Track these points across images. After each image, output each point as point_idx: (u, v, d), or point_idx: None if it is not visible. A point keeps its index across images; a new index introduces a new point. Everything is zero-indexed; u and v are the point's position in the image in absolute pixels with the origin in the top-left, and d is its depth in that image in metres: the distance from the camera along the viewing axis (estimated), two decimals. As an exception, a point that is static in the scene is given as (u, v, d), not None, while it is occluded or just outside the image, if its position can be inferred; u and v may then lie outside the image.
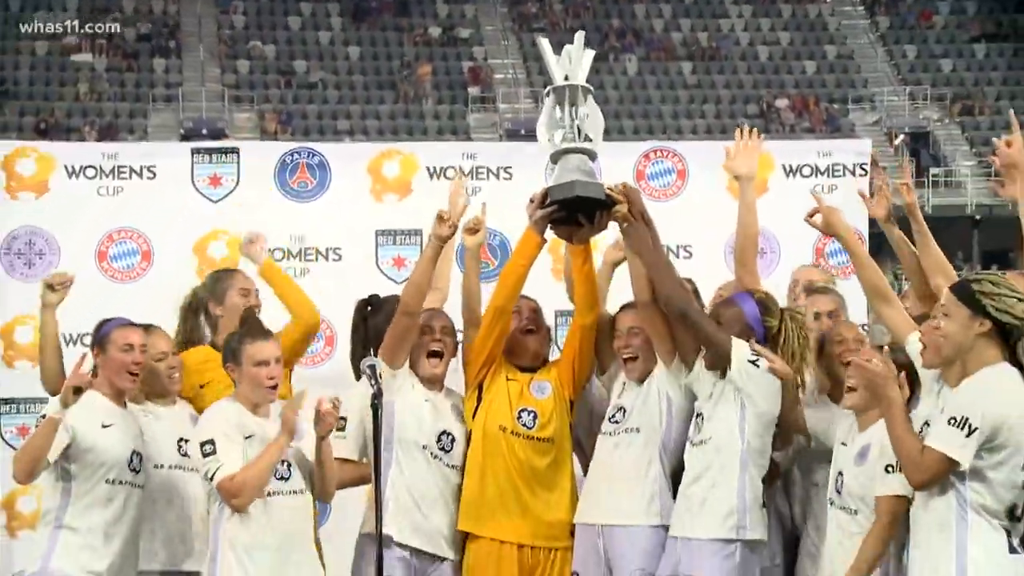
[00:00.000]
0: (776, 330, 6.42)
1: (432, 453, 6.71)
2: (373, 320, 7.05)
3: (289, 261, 8.13)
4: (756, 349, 6.32)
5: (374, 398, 6.12)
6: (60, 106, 42.89)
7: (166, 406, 6.82)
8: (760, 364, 6.29)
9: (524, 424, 6.72)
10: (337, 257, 8.20)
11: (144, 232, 8.11)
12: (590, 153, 6.49)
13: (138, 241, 8.12)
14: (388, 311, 6.84)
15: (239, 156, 8.22)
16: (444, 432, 6.75)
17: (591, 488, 6.70)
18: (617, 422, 6.65)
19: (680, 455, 6.54)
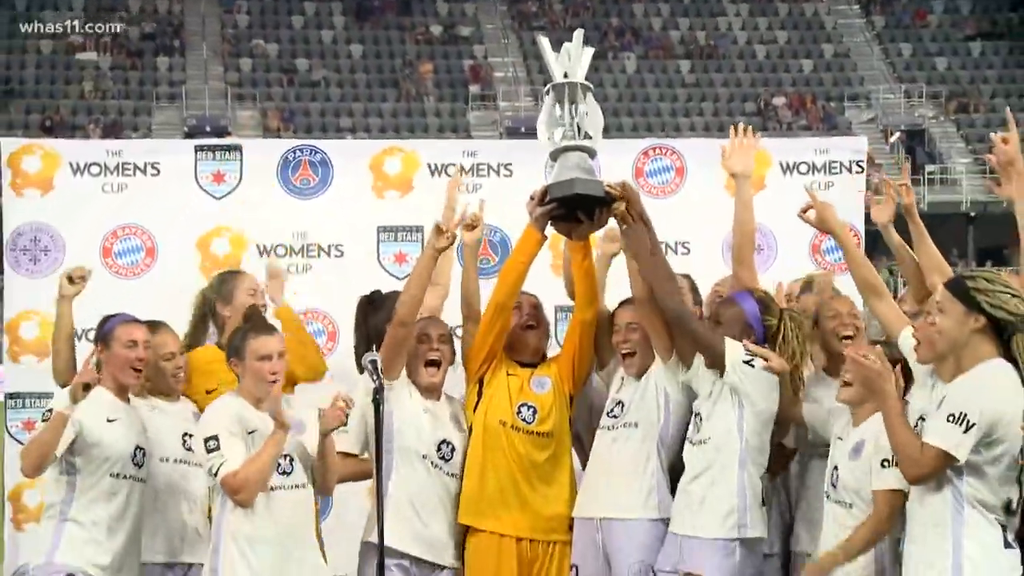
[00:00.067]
0: (775, 329, 6.44)
1: (432, 462, 6.71)
2: (374, 317, 7.07)
3: (292, 257, 8.13)
4: (751, 349, 6.33)
5: (375, 393, 6.14)
6: (65, 104, 42.91)
7: (170, 402, 6.85)
8: (755, 364, 6.31)
9: (524, 419, 6.73)
10: (339, 253, 8.18)
11: (148, 228, 8.09)
12: (590, 151, 6.50)
13: (142, 237, 8.10)
14: (389, 308, 6.85)
15: (242, 153, 8.20)
16: (444, 441, 6.76)
17: (589, 482, 6.71)
18: (615, 416, 6.67)
19: (677, 449, 6.55)
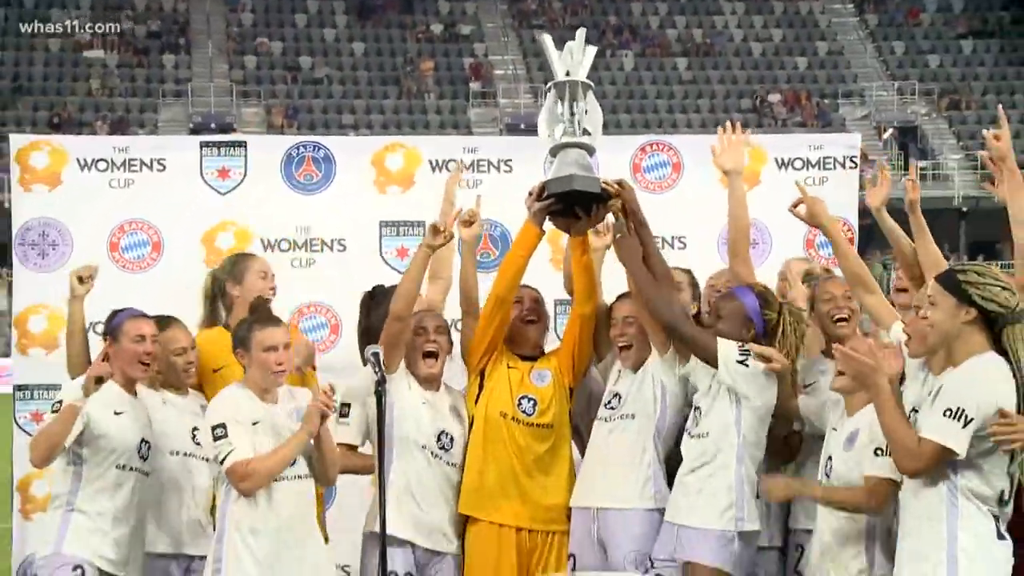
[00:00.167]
0: (775, 323, 6.46)
1: (432, 452, 6.73)
2: (376, 311, 7.07)
3: (295, 252, 8.17)
4: (754, 351, 6.33)
5: (378, 384, 6.18)
6: (72, 101, 42.98)
7: (180, 396, 6.89)
8: (749, 364, 6.33)
9: (524, 411, 6.77)
10: (342, 248, 8.23)
11: (154, 223, 8.13)
12: (588, 148, 6.53)
13: (148, 232, 8.14)
14: (391, 302, 6.85)
15: (247, 150, 8.24)
16: (443, 432, 6.78)
17: (587, 473, 6.74)
18: (612, 408, 6.70)
19: (673, 441, 6.60)
